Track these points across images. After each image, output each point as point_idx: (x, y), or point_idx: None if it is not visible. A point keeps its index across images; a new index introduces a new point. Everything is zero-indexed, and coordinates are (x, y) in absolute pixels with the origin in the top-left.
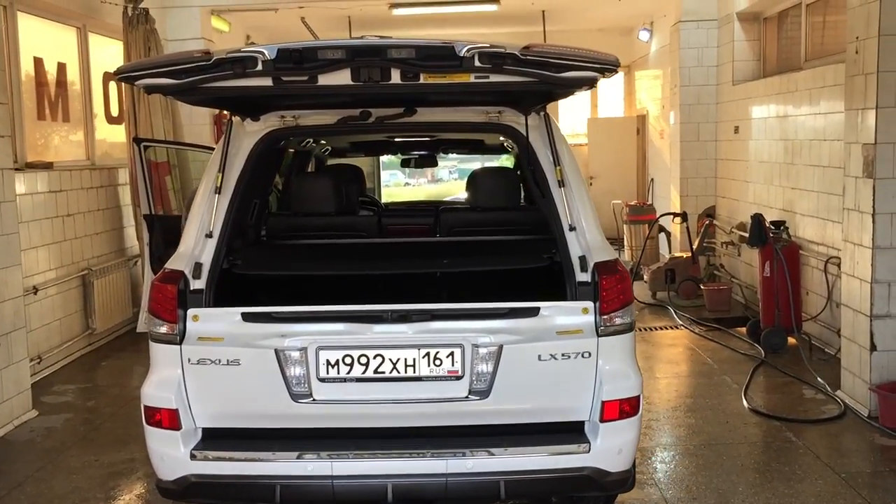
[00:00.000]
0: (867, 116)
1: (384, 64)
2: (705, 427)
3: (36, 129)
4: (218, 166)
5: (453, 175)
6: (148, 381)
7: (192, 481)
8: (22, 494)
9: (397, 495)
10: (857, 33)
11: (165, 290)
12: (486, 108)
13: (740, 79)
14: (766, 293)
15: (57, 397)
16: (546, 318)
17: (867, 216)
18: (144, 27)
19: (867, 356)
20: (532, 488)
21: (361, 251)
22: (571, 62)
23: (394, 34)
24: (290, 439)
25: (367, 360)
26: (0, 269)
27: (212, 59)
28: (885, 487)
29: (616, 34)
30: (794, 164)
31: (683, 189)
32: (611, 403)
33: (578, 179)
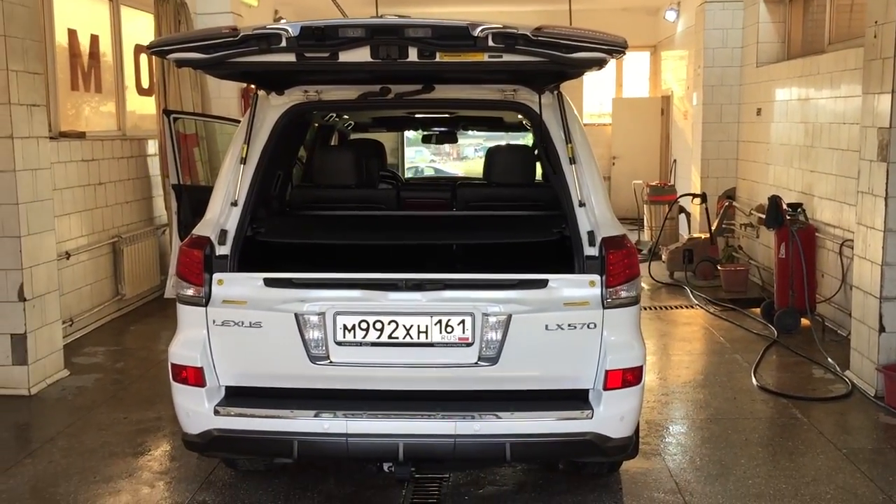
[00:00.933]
0: (883, 100)
1: (401, 42)
2: (713, 402)
3: (69, 100)
4: (244, 138)
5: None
6: (175, 340)
7: (216, 435)
8: (54, 447)
9: (408, 454)
10: (875, 17)
11: (192, 254)
12: (502, 86)
13: (764, 61)
14: (781, 274)
15: (87, 358)
16: (554, 290)
17: (880, 199)
18: (175, 1)
19: (875, 337)
20: (536, 451)
21: (379, 223)
22: (581, 43)
23: (421, 10)
24: (308, 399)
25: (381, 325)
26: (35, 234)
27: (239, 35)
28: (885, 463)
29: (643, 13)
30: (814, 147)
31: (704, 170)
32: (614, 373)
33: (589, 157)
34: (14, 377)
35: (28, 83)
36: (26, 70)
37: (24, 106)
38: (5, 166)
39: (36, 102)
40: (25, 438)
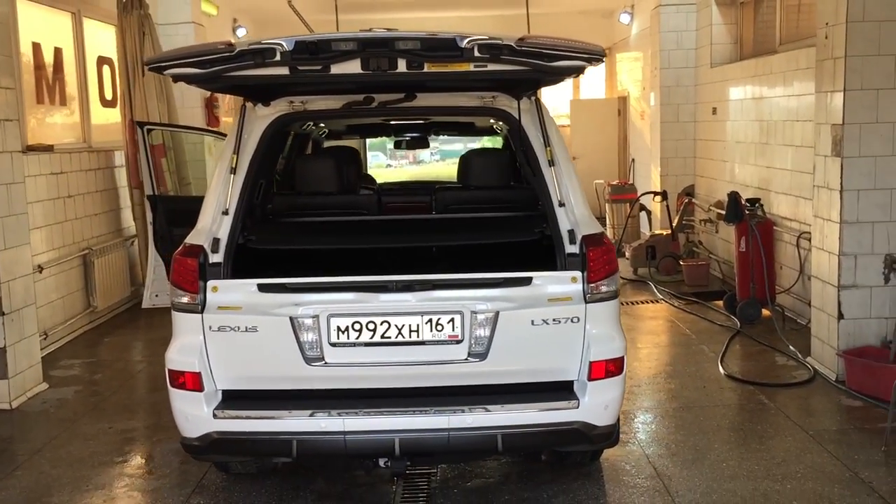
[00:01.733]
0: (835, 98)
1: (392, 54)
2: (683, 392)
3: (35, 113)
4: (233, 148)
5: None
6: (172, 347)
7: (215, 438)
8: (42, 458)
9: (404, 449)
10: (826, 19)
11: (187, 263)
12: (482, 93)
13: (718, 61)
14: (742, 267)
15: (65, 371)
16: (538, 287)
17: (835, 193)
18: (138, 12)
19: (835, 324)
20: (527, 441)
21: (364, 227)
22: (562, 52)
23: (380, 17)
24: (305, 399)
25: (374, 326)
26: (11, 248)
27: (235, 51)
28: (849, 443)
29: (598, 16)
30: (769, 144)
31: (664, 168)
32: (597, 364)
33: (567, 159)
34: None
35: (0, 98)
36: None
37: None
38: None
39: (8, 117)
40: (12, 451)
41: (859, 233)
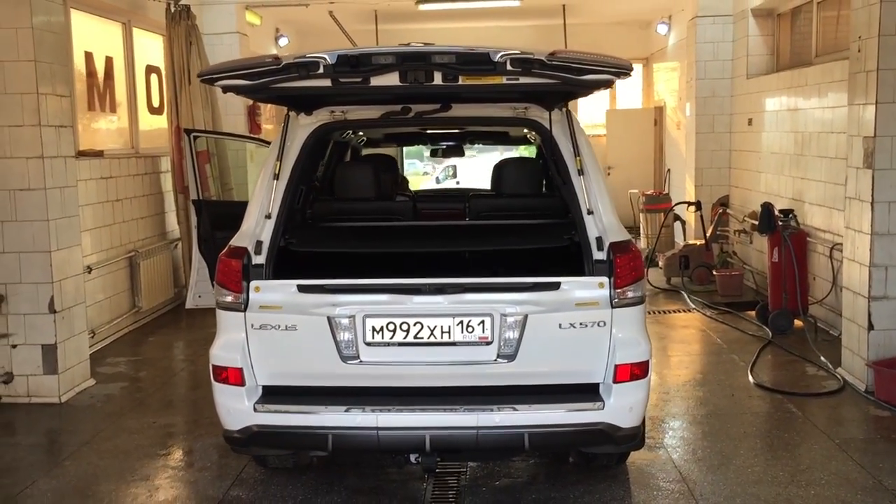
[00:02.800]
0: (867, 111)
1: (429, 68)
2: (712, 399)
3: (86, 120)
4: (276, 155)
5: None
6: (216, 343)
7: (255, 431)
8: (90, 450)
9: (434, 445)
10: (859, 33)
11: (231, 264)
12: (514, 104)
13: (754, 73)
14: (775, 278)
15: (111, 368)
16: (566, 292)
17: (866, 204)
18: (186, 23)
19: (865, 335)
20: (553, 440)
21: (400, 232)
22: (591, 66)
23: (419, 27)
24: (341, 395)
25: (407, 326)
26: (64, 249)
27: (281, 64)
28: (875, 452)
29: (635, 27)
30: (804, 156)
31: (698, 179)
32: (623, 367)
33: (596, 169)
34: (45, 386)
35: (56, 105)
36: (54, 93)
37: (53, 127)
38: (36, 185)
39: (63, 123)
40: (61, 443)
41: (890, 244)
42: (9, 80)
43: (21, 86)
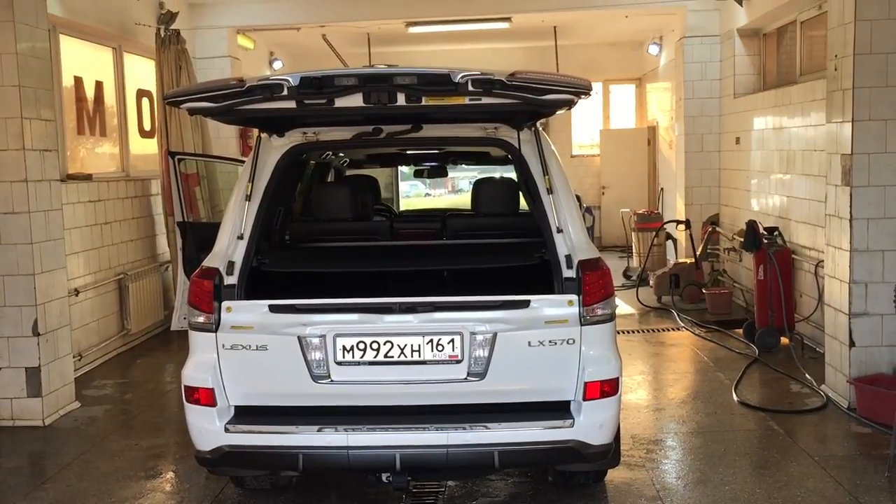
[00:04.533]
0: (844, 128)
1: (391, 89)
2: (695, 417)
3: (76, 143)
4: (248, 176)
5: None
6: (188, 364)
7: (226, 451)
8: (71, 473)
9: (404, 464)
10: (835, 51)
11: (203, 284)
12: (484, 124)
13: (741, 92)
14: (761, 295)
15: (97, 391)
16: (535, 310)
17: (845, 221)
18: (176, 47)
19: (846, 352)
20: (523, 458)
21: (375, 252)
22: (550, 87)
23: (411, 49)
24: (311, 415)
25: (378, 345)
26: (48, 272)
27: (245, 86)
28: (854, 468)
29: (627, 48)
30: (789, 174)
31: (688, 198)
32: (592, 384)
33: (566, 187)
34: (29, 409)
35: (40, 129)
36: (38, 117)
37: (37, 151)
38: (20, 208)
39: (48, 147)
40: (43, 465)
41: (869, 261)
42: None
43: (5, 110)
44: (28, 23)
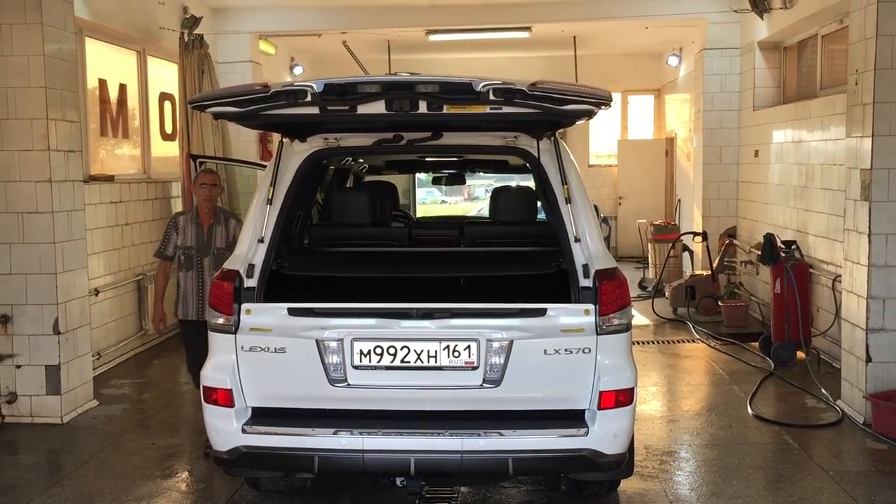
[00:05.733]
0: (864, 143)
1: (413, 97)
2: (709, 429)
3: (98, 145)
4: (270, 181)
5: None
6: (207, 365)
7: (243, 452)
8: (87, 470)
9: (419, 468)
10: (856, 66)
11: (223, 286)
12: (503, 133)
13: (760, 104)
14: (777, 309)
15: (115, 390)
16: (552, 318)
17: (864, 236)
18: (199, 51)
19: (863, 367)
20: (537, 466)
21: (393, 258)
22: (571, 97)
23: (431, 57)
24: (328, 418)
25: (395, 350)
26: (70, 271)
27: (270, 91)
28: (869, 484)
29: (646, 59)
30: (808, 188)
31: (706, 209)
32: (607, 394)
33: (584, 197)
34: (48, 406)
35: (65, 131)
36: (64, 118)
37: (62, 152)
38: (44, 208)
39: (72, 148)
40: (60, 462)
41: (888, 277)
42: (20, 106)
43: (31, 111)
44: (55, 25)
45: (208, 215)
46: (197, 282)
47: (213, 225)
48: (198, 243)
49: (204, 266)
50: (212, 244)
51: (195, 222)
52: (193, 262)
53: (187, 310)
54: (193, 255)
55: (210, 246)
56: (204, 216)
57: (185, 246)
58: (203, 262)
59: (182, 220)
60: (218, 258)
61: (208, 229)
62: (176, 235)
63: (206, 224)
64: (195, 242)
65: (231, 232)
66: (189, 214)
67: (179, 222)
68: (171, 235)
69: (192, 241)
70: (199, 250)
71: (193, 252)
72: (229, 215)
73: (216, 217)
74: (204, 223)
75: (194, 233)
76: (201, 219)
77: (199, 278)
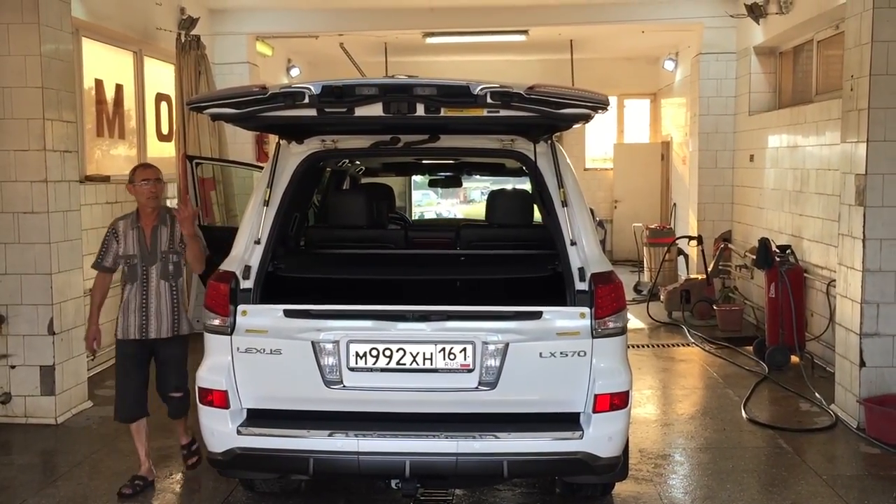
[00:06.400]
0: (859, 149)
1: (411, 99)
2: (703, 433)
3: (94, 145)
4: (267, 182)
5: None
6: (202, 366)
7: (238, 453)
8: (82, 471)
9: (414, 470)
10: (851, 72)
11: (219, 288)
12: (500, 136)
13: (756, 109)
14: (772, 313)
15: (109, 390)
16: (547, 321)
17: (858, 241)
18: (196, 52)
19: (857, 372)
20: (531, 468)
21: (389, 260)
22: (568, 101)
23: (428, 59)
24: (323, 420)
25: (390, 352)
26: (65, 272)
27: (267, 93)
28: (862, 488)
29: (643, 63)
30: (803, 192)
31: (701, 214)
32: (602, 397)
33: (580, 200)
34: (42, 407)
35: (61, 131)
36: (60, 119)
37: (58, 152)
38: (39, 208)
39: (68, 149)
40: (54, 463)
41: (882, 281)
42: (16, 106)
43: (28, 111)
44: (52, 25)
45: (151, 216)
46: (141, 295)
47: (156, 227)
48: (141, 250)
49: (150, 276)
50: (157, 249)
51: (135, 226)
52: (137, 273)
53: (127, 327)
54: (137, 265)
55: (155, 252)
56: (146, 218)
57: (127, 255)
58: (149, 271)
59: (122, 225)
60: (165, 264)
61: (152, 233)
62: (116, 244)
63: (148, 227)
64: (138, 250)
65: (177, 232)
66: (128, 219)
67: (119, 228)
68: (111, 244)
69: (133, 248)
70: (144, 258)
71: (137, 261)
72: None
73: (160, 217)
74: (146, 226)
75: (136, 239)
76: (142, 221)
77: (143, 291)
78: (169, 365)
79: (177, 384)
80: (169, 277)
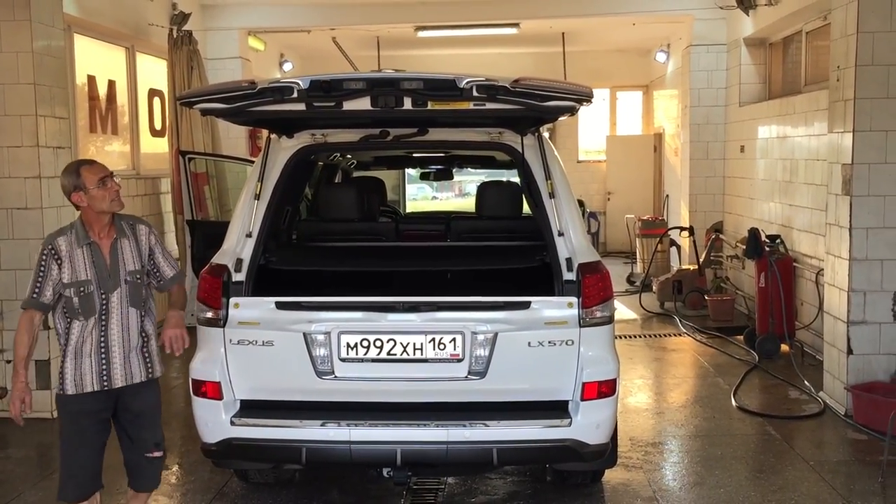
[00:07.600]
0: (845, 139)
1: (397, 93)
2: (693, 421)
3: (87, 141)
4: (258, 176)
5: None
6: (195, 358)
7: (232, 443)
8: None
9: (405, 459)
10: (838, 63)
11: (212, 281)
12: (488, 129)
13: (746, 100)
14: (762, 302)
15: None
16: (536, 311)
17: (845, 230)
18: (188, 48)
19: (844, 359)
20: (521, 456)
21: (379, 252)
22: (553, 93)
23: (420, 53)
24: (315, 410)
25: (381, 343)
26: None
27: (256, 88)
28: (849, 473)
29: (635, 55)
30: (792, 183)
31: (692, 205)
32: (590, 385)
33: (567, 192)
34: (38, 401)
35: (54, 127)
36: (53, 115)
37: (51, 148)
38: (33, 204)
39: (61, 145)
40: (50, 456)
41: (868, 270)
42: (8, 102)
43: (20, 108)
44: (44, 22)
45: (108, 227)
46: (98, 332)
47: (116, 240)
48: (98, 274)
49: (111, 306)
50: (119, 270)
51: (85, 243)
52: (94, 304)
53: (81, 377)
54: (93, 294)
55: (117, 273)
56: (101, 230)
57: (77, 282)
58: (109, 299)
59: (62, 243)
60: (133, 287)
61: (111, 249)
62: (57, 269)
63: (105, 242)
64: (93, 273)
65: (144, 244)
66: (70, 234)
67: (60, 247)
68: (50, 269)
69: (86, 272)
70: (102, 283)
71: (93, 289)
72: (135, 221)
73: (118, 228)
74: (102, 241)
75: (88, 259)
76: (96, 235)
77: (101, 327)
78: (144, 417)
79: (156, 440)
80: (140, 304)
